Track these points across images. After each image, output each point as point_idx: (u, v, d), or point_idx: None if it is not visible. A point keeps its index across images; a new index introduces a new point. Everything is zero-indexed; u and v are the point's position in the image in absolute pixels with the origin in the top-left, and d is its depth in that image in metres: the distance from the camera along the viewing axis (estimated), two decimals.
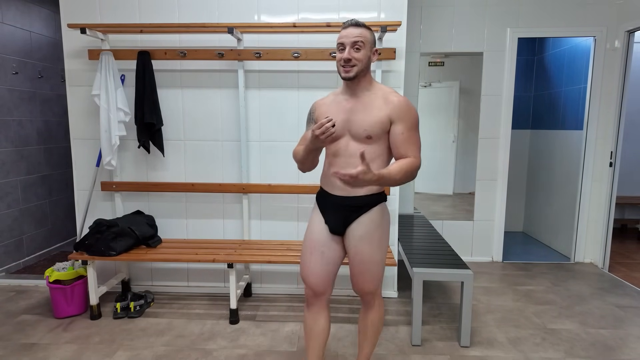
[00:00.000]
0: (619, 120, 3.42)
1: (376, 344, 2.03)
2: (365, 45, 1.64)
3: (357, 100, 1.69)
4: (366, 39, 1.64)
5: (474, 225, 3.75)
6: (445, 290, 3.08)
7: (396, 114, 1.64)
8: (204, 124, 2.86)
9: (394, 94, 1.69)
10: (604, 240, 3.55)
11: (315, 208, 1.84)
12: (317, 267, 1.77)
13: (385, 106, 1.65)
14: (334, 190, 1.74)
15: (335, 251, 1.79)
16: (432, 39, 3.54)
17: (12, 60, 3.39)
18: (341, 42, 1.64)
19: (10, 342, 2.35)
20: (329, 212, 1.77)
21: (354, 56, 1.62)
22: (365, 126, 1.65)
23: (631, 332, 2.49)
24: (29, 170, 3.59)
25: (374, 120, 1.64)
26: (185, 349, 2.29)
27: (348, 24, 1.66)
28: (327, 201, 1.78)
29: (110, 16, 2.77)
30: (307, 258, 1.80)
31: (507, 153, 3.62)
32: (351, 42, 1.62)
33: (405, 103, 1.65)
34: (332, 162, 1.75)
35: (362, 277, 1.76)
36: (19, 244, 3.50)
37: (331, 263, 1.78)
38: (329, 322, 1.86)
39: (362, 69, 1.65)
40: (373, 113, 1.65)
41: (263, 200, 2.92)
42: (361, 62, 1.63)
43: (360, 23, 1.66)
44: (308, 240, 1.81)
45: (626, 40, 3.34)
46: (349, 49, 1.62)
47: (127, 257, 2.54)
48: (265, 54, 2.68)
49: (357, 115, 1.67)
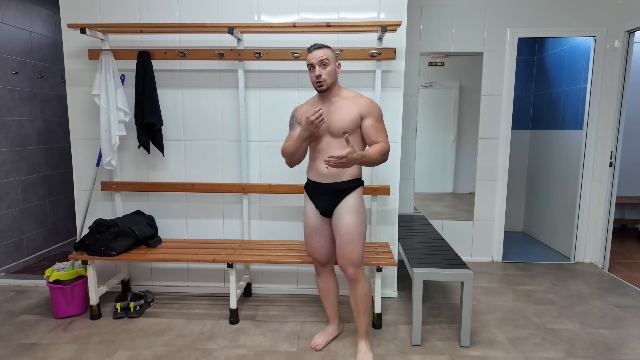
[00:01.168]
0: (619, 120, 3.42)
1: (368, 313, 2.31)
2: (330, 61, 2.04)
3: (331, 105, 2.10)
4: (329, 56, 2.04)
5: (474, 225, 3.75)
6: (445, 290, 3.08)
7: (365, 111, 2.07)
8: (204, 124, 2.86)
9: (359, 95, 2.12)
10: (604, 240, 3.55)
11: (306, 197, 2.25)
12: (318, 245, 2.25)
13: (355, 106, 2.07)
14: (322, 178, 2.13)
15: (327, 230, 2.22)
16: (432, 39, 3.54)
17: (12, 60, 3.40)
18: (310, 63, 2.04)
19: (10, 342, 2.35)
20: (318, 198, 2.17)
21: (323, 72, 2.03)
22: (342, 124, 2.05)
23: (631, 332, 2.49)
24: (29, 170, 3.59)
25: (348, 119, 2.05)
26: (185, 349, 2.29)
27: (313, 48, 2.04)
28: (315, 189, 2.17)
29: (110, 16, 2.77)
30: (309, 240, 2.26)
31: (507, 153, 3.62)
32: (318, 61, 2.02)
33: (370, 101, 2.10)
34: (317, 157, 2.15)
35: (349, 245, 2.10)
36: (19, 244, 3.50)
37: (328, 239, 2.24)
38: (337, 283, 2.38)
39: (331, 81, 2.06)
40: (346, 113, 2.06)
41: (263, 200, 2.92)
42: (330, 76, 2.05)
43: (322, 45, 2.05)
44: (307, 227, 2.25)
45: (626, 40, 3.34)
46: (318, 68, 2.02)
47: (127, 257, 2.54)
48: (265, 54, 2.68)
49: (333, 116, 2.06)
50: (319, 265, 2.31)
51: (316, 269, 2.34)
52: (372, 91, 2.73)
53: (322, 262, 2.28)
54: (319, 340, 2.31)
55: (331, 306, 2.38)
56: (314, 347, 2.29)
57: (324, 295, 2.36)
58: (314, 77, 2.04)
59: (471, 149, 3.73)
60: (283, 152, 2.15)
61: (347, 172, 2.11)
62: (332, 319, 2.40)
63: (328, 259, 2.28)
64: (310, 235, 2.24)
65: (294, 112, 2.22)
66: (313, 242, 2.24)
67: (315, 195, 2.18)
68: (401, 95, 2.77)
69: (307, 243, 2.27)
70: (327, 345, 2.33)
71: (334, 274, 2.36)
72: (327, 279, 2.33)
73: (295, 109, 2.22)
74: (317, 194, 2.17)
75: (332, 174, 2.11)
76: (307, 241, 2.27)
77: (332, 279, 2.35)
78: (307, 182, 2.23)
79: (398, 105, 2.77)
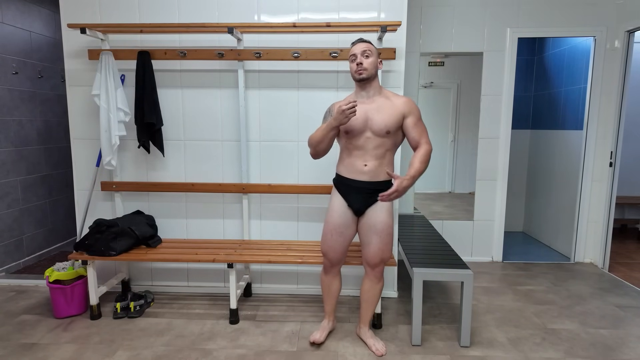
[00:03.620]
0: (619, 120, 3.42)
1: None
2: (372, 54, 2.08)
3: (373, 103, 2.12)
4: (372, 50, 2.09)
5: (474, 225, 3.75)
6: (445, 290, 3.08)
7: (407, 110, 2.11)
8: (204, 124, 2.86)
9: (399, 96, 2.17)
10: (604, 240, 3.55)
11: (335, 193, 2.24)
12: (337, 245, 2.23)
13: (398, 106, 2.11)
14: (359, 176, 2.14)
15: (351, 230, 2.23)
16: (432, 39, 3.54)
17: (12, 60, 3.40)
18: (353, 53, 2.08)
19: (10, 342, 2.35)
20: (352, 195, 2.17)
21: (364, 61, 2.05)
22: (386, 123, 2.07)
23: (631, 332, 2.49)
24: (29, 170, 3.59)
25: (393, 119, 2.08)
26: (185, 349, 2.29)
27: (357, 41, 2.11)
28: (349, 186, 2.17)
29: (110, 16, 2.77)
30: (329, 237, 2.24)
31: (507, 153, 3.62)
32: (361, 51, 2.06)
33: (411, 101, 2.16)
34: (354, 154, 2.15)
35: (384, 246, 2.18)
36: (19, 244, 3.50)
37: (347, 240, 2.25)
38: (340, 283, 2.40)
39: (372, 72, 2.08)
40: (391, 112, 2.09)
41: (263, 200, 2.92)
42: (371, 66, 2.07)
43: (366, 40, 2.12)
44: (330, 223, 2.22)
45: (626, 40, 3.34)
46: (360, 56, 2.05)
47: (127, 257, 2.54)
48: (265, 54, 2.68)
49: (376, 115, 2.08)
50: (329, 264, 2.31)
51: (324, 267, 2.35)
52: None
53: (334, 261, 2.28)
54: (317, 335, 2.33)
55: (331, 302, 2.40)
56: (313, 340, 2.30)
57: (326, 291, 2.38)
58: (355, 66, 2.05)
59: (470, 149, 3.73)
60: (309, 141, 2.15)
61: (384, 172, 2.14)
62: (329, 314, 2.42)
63: (340, 259, 2.29)
64: (330, 232, 2.22)
65: (330, 107, 2.21)
66: (332, 240, 2.22)
67: (349, 193, 2.17)
68: None
69: (325, 240, 2.25)
70: (324, 340, 2.35)
71: (340, 274, 2.38)
72: (333, 279, 2.35)
73: (333, 104, 2.22)
74: (351, 191, 2.16)
75: (372, 172, 2.13)
76: (326, 238, 2.25)
77: (338, 279, 2.37)
78: (338, 178, 2.22)
79: None
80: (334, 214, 2.21)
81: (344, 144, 2.18)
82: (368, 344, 2.30)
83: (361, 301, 2.34)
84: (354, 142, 2.12)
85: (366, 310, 2.33)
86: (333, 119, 1.99)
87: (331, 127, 2.02)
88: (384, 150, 2.12)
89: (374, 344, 2.28)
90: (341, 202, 2.20)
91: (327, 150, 2.15)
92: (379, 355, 2.23)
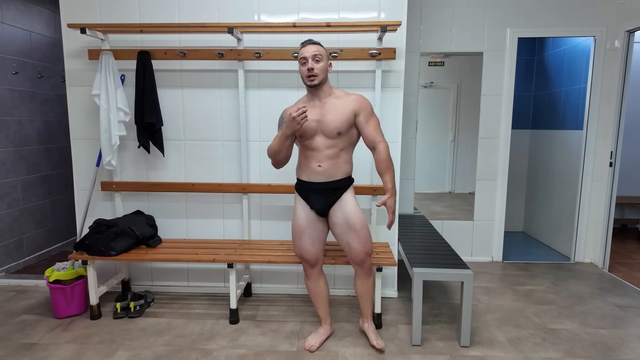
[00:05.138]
0: (619, 120, 3.42)
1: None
2: (322, 57, 2.05)
3: (323, 105, 2.10)
4: (322, 53, 2.06)
5: (474, 225, 3.75)
6: (445, 290, 3.08)
7: (357, 107, 2.09)
8: (204, 124, 2.86)
9: (348, 94, 2.14)
10: (604, 240, 3.55)
11: (297, 197, 2.24)
12: (307, 246, 2.23)
13: (347, 104, 2.09)
14: (315, 178, 2.15)
15: (319, 230, 2.23)
16: (432, 39, 3.54)
17: (12, 60, 3.40)
18: (303, 56, 2.04)
19: (10, 342, 2.35)
20: (312, 197, 2.18)
21: (315, 67, 2.02)
22: (337, 124, 2.06)
23: (631, 332, 2.49)
24: (29, 170, 3.59)
25: (343, 119, 2.06)
26: (185, 349, 2.29)
27: (306, 43, 2.07)
28: (308, 189, 2.18)
29: (110, 16, 2.77)
30: (298, 241, 2.24)
31: (507, 153, 3.62)
32: (311, 55, 2.02)
33: (359, 96, 2.13)
34: (309, 156, 2.15)
35: (362, 240, 2.16)
36: (19, 244, 3.50)
37: (317, 240, 2.23)
38: (327, 283, 2.37)
39: (323, 77, 2.06)
40: (340, 112, 2.07)
41: (263, 200, 2.92)
42: (322, 72, 2.05)
43: (315, 41, 2.08)
44: (296, 227, 2.24)
45: (626, 40, 3.34)
46: (310, 61, 2.02)
47: (127, 257, 2.54)
48: (265, 54, 2.68)
49: (327, 117, 2.07)
50: (307, 266, 2.29)
51: (305, 271, 2.32)
52: (372, 91, 2.72)
53: (311, 261, 2.26)
54: (312, 342, 2.30)
55: (322, 307, 2.37)
56: (308, 348, 2.28)
57: (314, 296, 2.35)
58: (306, 71, 2.03)
59: (470, 149, 3.73)
60: (268, 151, 2.15)
61: (340, 170, 2.15)
62: (324, 320, 2.40)
63: (316, 258, 2.27)
64: (299, 235, 2.22)
65: (283, 113, 2.19)
66: (302, 241, 2.22)
67: (309, 195, 2.19)
68: (401, 95, 2.77)
69: (296, 243, 2.26)
70: (321, 346, 2.32)
71: (323, 274, 2.36)
72: (317, 280, 2.32)
73: (285, 110, 2.21)
74: (311, 193, 2.18)
75: (326, 173, 2.14)
76: (296, 241, 2.25)
77: (322, 279, 2.34)
78: (298, 183, 2.24)
79: (398, 105, 2.77)
80: (297, 217, 2.23)
81: (300, 147, 2.20)
82: (370, 338, 2.33)
83: (358, 297, 2.36)
84: (307, 144, 2.13)
85: (365, 304, 2.35)
86: (285, 127, 1.98)
87: (285, 135, 2.01)
88: (337, 150, 2.12)
89: (375, 338, 2.30)
90: (303, 204, 2.21)
91: (287, 158, 2.15)
92: (379, 348, 2.26)
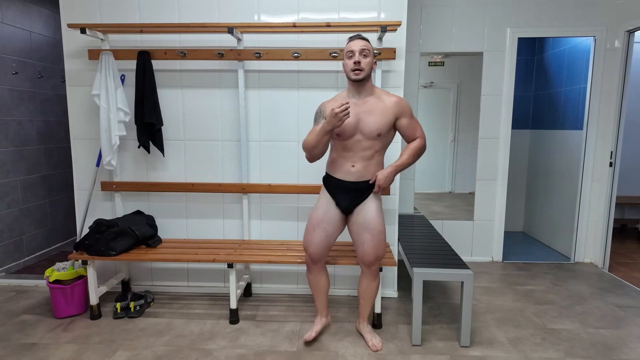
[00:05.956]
0: (619, 120, 3.42)
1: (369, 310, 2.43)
2: (370, 53, 2.04)
3: (365, 104, 2.09)
4: (370, 49, 2.05)
5: (474, 225, 3.75)
6: (445, 290, 3.08)
7: (399, 111, 2.11)
8: (204, 124, 2.86)
9: (389, 94, 2.15)
10: (604, 240, 3.55)
11: (324, 192, 2.25)
12: (317, 240, 2.23)
13: (389, 107, 2.09)
14: (348, 177, 2.16)
15: (336, 227, 2.24)
16: (432, 39, 3.54)
17: (12, 60, 3.39)
18: (350, 49, 2.03)
19: (10, 342, 2.35)
20: (341, 195, 2.19)
21: (363, 61, 2.01)
22: (377, 126, 2.07)
23: (631, 332, 2.49)
24: (29, 170, 3.59)
25: (384, 122, 2.08)
26: (185, 349, 2.29)
27: (355, 37, 2.07)
28: (338, 186, 2.20)
29: (110, 16, 2.77)
30: (310, 232, 2.24)
31: (507, 153, 3.62)
32: (359, 49, 2.01)
33: (402, 101, 2.15)
34: (342, 155, 2.16)
35: (376, 243, 2.18)
36: (19, 244, 3.50)
37: (329, 237, 2.24)
38: (328, 278, 2.39)
39: (368, 73, 2.05)
40: (382, 115, 2.08)
41: (263, 200, 2.92)
42: (368, 67, 2.04)
43: (364, 37, 2.07)
44: (313, 218, 2.24)
45: (626, 40, 3.34)
46: (358, 55, 2.01)
47: (127, 257, 2.54)
48: (265, 54, 2.68)
49: (368, 117, 2.07)
50: (310, 261, 2.31)
51: (307, 265, 2.35)
52: None
53: (315, 257, 2.27)
54: (308, 332, 2.35)
55: (321, 299, 2.39)
56: (305, 339, 2.32)
57: (314, 288, 2.38)
58: (352, 64, 2.01)
59: (470, 149, 3.73)
60: (304, 145, 2.13)
61: (371, 172, 2.17)
62: (320, 312, 2.42)
63: (321, 255, 2.27)
64: (313, 227, 2.23)
65: (321, 106, 2.17)
66: (314, 234, 2.23)
67: (337, 192, 2.20)
68: (401, 95, 2.77)
69: (306, 235, 2.27)
70: (317, 335, 2.37)
71: (325, 270, 2.37)
72: (318, 276, 2.34)
73: (323, 103, 2.18)
74: (340, 191, 2.19)
75: (358, 173, 2.15)
76: (307, 233, 2.26)
77: (324, 275, 2.36)
78: (328, 177, 2.25)
79: None
80: (318, 210, 2.24)
81: (334, 144, 2.20)
82: (365, 339, 2.34)
83: (359, 298, 2.37)
84: (344, 144, 2.13)
85: (364, 306, 2.36)
86: (326, 122, 1.96)
87: (325, 131, 1.99)
88: (372, 152, 2.14)
89: (371, 339, 2.32)
90: (328, 199, 2.22)
91: (323, 153, 2.13)
92: (373, 350, 2.27)
